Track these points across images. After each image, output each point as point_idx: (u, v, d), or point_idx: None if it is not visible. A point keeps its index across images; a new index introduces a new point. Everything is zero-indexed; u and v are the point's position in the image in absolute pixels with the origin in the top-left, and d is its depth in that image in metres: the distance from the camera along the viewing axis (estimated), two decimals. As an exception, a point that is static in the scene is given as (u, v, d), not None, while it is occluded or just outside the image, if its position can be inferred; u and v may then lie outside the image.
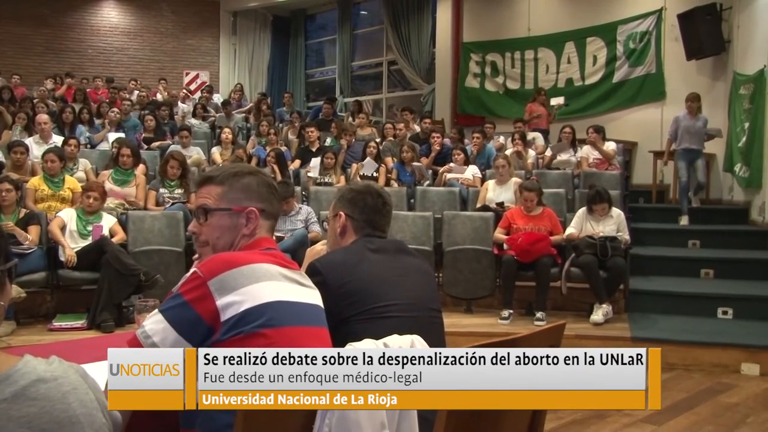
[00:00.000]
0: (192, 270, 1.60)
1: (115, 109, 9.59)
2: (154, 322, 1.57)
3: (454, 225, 6.47)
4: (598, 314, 5.67)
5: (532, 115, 9.62)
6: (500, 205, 6.71)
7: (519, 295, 6.07)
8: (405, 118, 9.91)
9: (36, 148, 7.40)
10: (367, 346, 1.52)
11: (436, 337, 1.99)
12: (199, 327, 1.54)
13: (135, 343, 1.57)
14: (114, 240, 5.73)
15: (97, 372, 1.90)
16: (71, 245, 5.65)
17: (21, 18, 13.88)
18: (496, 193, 6.91)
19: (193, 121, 10.98)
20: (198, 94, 13.56)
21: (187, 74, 15.10)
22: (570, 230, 6.06)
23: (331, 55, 15.41)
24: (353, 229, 2.24)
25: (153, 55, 15.11)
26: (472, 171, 7.81)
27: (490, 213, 6.54)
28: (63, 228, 5.73)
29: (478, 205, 6.92)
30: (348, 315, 1.98)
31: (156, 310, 1.60)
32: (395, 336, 1.63)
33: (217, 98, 13.31)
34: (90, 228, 5.78)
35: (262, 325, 1.55)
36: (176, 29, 15.24)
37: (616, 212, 6.10)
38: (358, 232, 2.24)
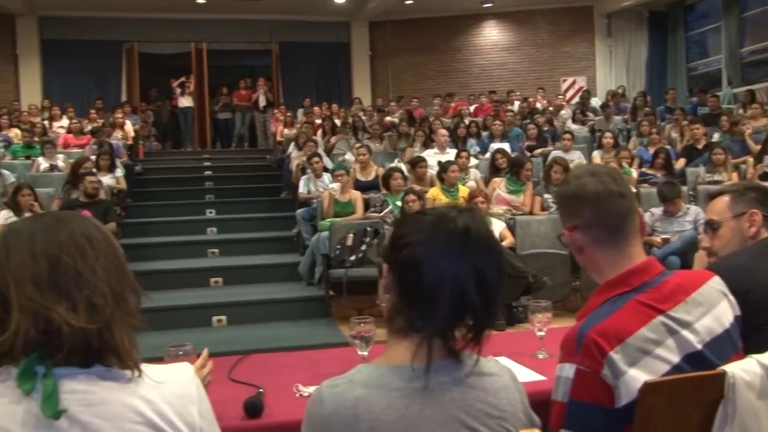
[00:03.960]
0: (576, 366, 1.41)
1: (498, 122, 10.16)
2: None
3: None
4: None
5: None
6: None
7: None
8: (810, 104, 8.80)
9: (433, 160, 8.18)
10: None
11: None
12: (609, 418, 1.39)
13: None
14: (504, 244, 6.12)
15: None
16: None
17: (417, 48, 15.50)
18: None
19: (573, 126, 11.13)
20: (576, 100, 13.68)
21: (563, 81, 15.31)
22: None
23: (716, 43, 14.26)
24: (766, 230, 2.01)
25: (531, 66, 15.61)
26: None
27: None
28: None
29: None
30: (753, 325, 1.67)
31: None
32: None
33: (595, 102, 13.28)
34: (481, 232, 6.25)
35: None
36: (552, 38, 15.55)
37: None
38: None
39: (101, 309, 1.13)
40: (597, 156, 8.46)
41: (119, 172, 8.63)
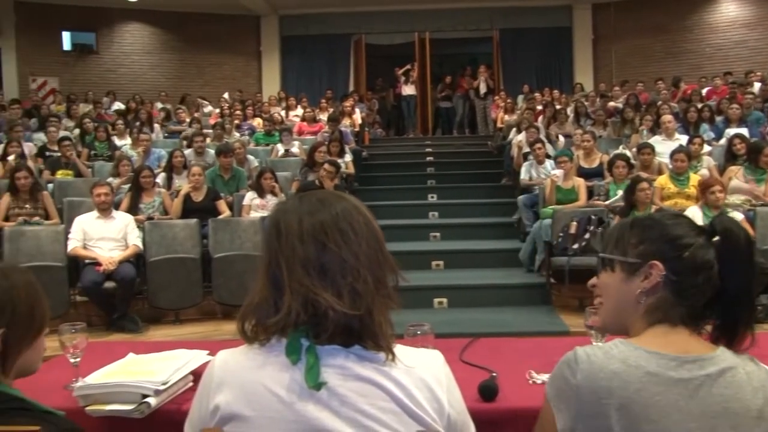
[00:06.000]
0: None
1: (735, 105, 9.42)
2: None
3: None
4: None
5: None
6: None
7: None
8: None
9: (660, 147, 7.79)
10: None
11: None
12: None
13: None
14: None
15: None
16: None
17: (643, 30, 14.73)
18: None
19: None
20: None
21: (817, 56, 13.80)
22: None
23: None
24: None
25: (776, 42, 14.26)
26: None
27: None
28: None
29: None
30: None
31: None
32: None
33: None
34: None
35: None
36: (804, 8, 14.07)
37: None
38: None
39: (363, 295, 1.20)
40: None
41: (348, 157, 9.15)
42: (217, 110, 12.53)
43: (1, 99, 12.73)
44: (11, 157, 7.98)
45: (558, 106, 11.33)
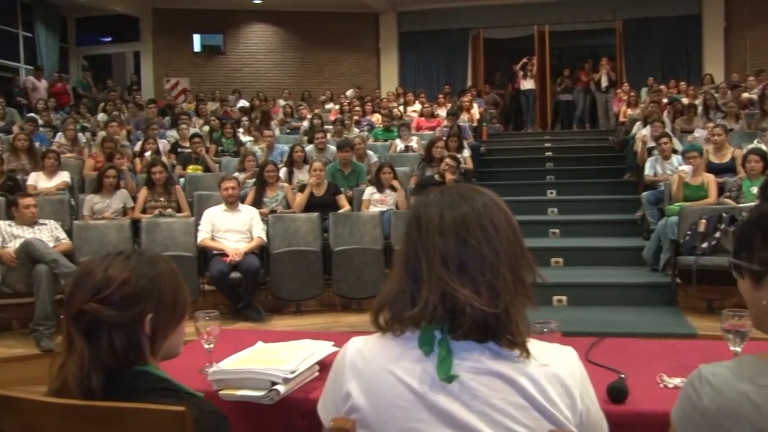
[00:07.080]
0: None
1: None
2: None
3: None
4: None
5: None
6: None
7: None
8: None
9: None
10: None
11: None
12: None
13: None
14: None
15: None
16: None
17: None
18: None
19: None
20: None
21: None
22: None
23: None
24: None
25: None
26: None
27: None
28: None
29: None
30: None
31: None
32: None
33: None
34: None
35: None
36: None
37: None
38: None
39: (502, 293, 1.19)
40: None
41: (466, 152, 9.09)
42: (337, 106, 12.77)
43: (139, 99, 13.54)
44: (148, 153, 8.49)
45: (685, 100, 10.81)
